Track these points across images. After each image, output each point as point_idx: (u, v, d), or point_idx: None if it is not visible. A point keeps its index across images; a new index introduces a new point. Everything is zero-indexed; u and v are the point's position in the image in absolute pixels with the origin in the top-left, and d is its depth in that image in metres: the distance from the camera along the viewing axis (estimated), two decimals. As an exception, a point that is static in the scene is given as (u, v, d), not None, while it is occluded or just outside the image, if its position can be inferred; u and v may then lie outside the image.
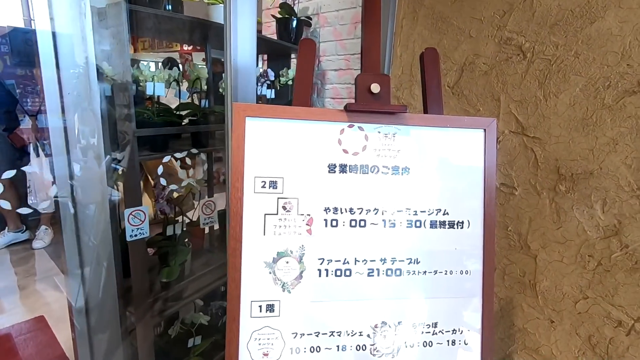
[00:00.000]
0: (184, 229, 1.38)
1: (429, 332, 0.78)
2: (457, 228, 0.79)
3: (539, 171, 1.15)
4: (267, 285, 0.73)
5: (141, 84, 1.05)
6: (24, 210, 1.04)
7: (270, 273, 0.73)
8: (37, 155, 1.94)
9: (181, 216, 1.37)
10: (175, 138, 1.34)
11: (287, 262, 0.73)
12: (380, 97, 0.76)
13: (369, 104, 0.75)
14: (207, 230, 1.58)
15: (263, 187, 0.73)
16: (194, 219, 1.51)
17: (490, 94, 1.23)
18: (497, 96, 1.21)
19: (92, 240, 1.12)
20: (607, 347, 1.09)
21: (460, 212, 0.80)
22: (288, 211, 0.73)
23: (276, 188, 0.73)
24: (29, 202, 2.25)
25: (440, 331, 0.79)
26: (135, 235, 0.98)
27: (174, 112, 1.22)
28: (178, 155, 1.15)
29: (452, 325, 0.79)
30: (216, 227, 1.62)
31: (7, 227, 2.54)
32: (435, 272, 0.79)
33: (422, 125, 0.78)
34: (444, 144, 0.80)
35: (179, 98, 1.34)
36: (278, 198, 0.73)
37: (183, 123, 1.30)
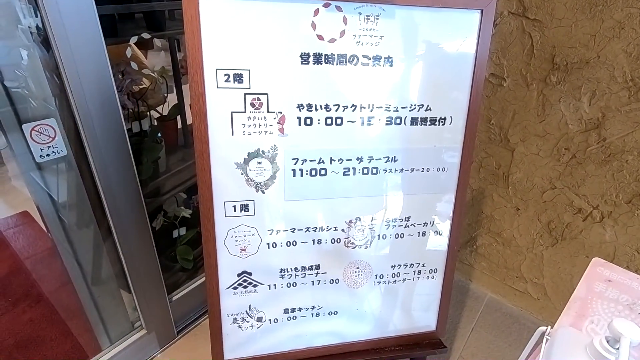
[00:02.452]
0: (153, 124, 1.29)
1: (401, 226, 0.81)
2: (439, 125, 0.75)
3: (533, 60, 1.07)
4: (240, 186, 0.70)
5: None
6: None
7: (242, 174, 0.70)
8: None
9: (149, 110, 1.27)
10: (128, 19, 1.15)
11: (260, 163, 0.70)
12: (363, -33, 0.62)
13: (349, -24, 0.62)
14: (179, 125, 1.50)
15: (227, 81, 0.64)
16: (164, 113, 1.42)
17: (494, -36, 1.05)
18: (502, -33, 1.04)
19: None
20: (563, 231, 1.19)
21: (443, 108, 0.74)
22: (257, 109, 0.67)
23: (242, 82, 0.65)
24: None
25: (412, 224, 0.82)
26: (48, 155, 0.89)
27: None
28: (133, 40, 0.99)
29: (424, 218, 0.82)
30: (189, 122, 1.54)
31: None
32: (412, 169, 0.77)
33: (410, 4, 0.67)
34: (433, 29, 0.69)
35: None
36: (245, 94, 0.65)
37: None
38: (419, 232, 0.83)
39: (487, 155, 1.28)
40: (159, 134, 1.38)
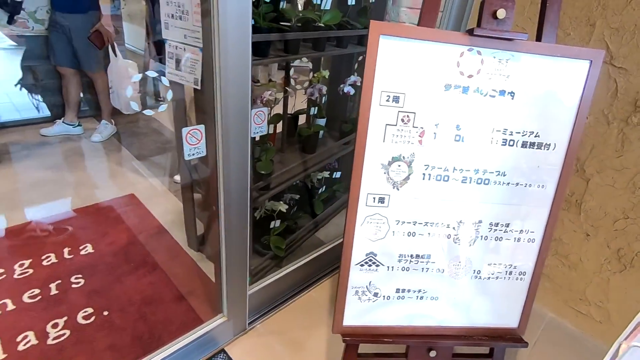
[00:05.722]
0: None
1: (502, 230, 0.97)
2: (544, 149, 0.91)
3: (616, 102, 1.21)
4: (381, 183, 0.89)
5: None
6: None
7: (384, 173, 0.89)
8: (115, 54, 2.01)
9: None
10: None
11: (399, 166, 0.89)
12: (504, 23, 0.81)
13: (493, 30, 0.81)
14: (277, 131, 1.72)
15: (387, 100, 0.84)
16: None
17: (586, 17, 1.21)
18: (594, 21, 1.20)
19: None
20: (632, 259, 1.29)
21: (549, 136, 0.91)
22: (405, 123, 0.86)
23: (398, 102, 0.85)
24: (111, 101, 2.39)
25: (510, 230, 0.97)
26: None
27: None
28: (296, 63, 1.21)
29: (521, 226, 0.97)
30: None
31: (63, 118, 2.68)
32: (517, 184, 0.93)
33: (534, 52, 0.85)
34: (549, 72, 0.87)
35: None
36: (399, 111, 0.85)
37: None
38: (515, 238, 0.98)
39: (561, 183, 1.40)
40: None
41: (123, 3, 2.94)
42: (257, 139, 1.46)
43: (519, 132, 0.90)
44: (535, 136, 0.91)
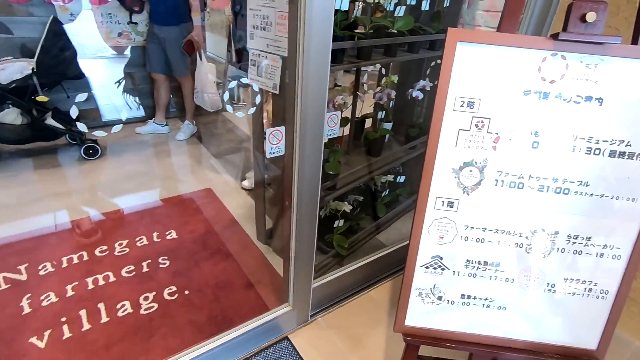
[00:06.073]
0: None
1: (581, 244, 0.92)
2: (637, 160, 0.85)
3: None
4: (451, 187, 0.90)
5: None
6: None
7: (455, 178, 0.89)
8: (201, 59, 2.25)
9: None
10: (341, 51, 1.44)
11: (471, 171, 0.89)
12: (594, 26, 0.77)
13: (581, 34, 0.78)
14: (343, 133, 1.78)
15: (461, 106, 0.85)
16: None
17: (696, 16, 1.09)
18: None
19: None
20: None
21: (643, 145, 0.84)
22: (479, 129, 0.86)
23: (472, 108, 0.85)
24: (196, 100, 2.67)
25: (592, 244, 0.91)
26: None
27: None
28: (370, 69, 1.27)
29: (604, 241, 0.91)
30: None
31: (153, 118, 3.00)
32: (602, 195, 0.88)
33: (628, 56, 0.80)
34: (645, 77, 0.81)
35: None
36: (473, 117, 0.85)
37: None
38: (597, 253, 0.92)
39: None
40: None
41: (208, 15, 3.24)
42: (326, 141, 1.54)
43: (607, 141, 0.85)
44: (627, 145, 0.85)
